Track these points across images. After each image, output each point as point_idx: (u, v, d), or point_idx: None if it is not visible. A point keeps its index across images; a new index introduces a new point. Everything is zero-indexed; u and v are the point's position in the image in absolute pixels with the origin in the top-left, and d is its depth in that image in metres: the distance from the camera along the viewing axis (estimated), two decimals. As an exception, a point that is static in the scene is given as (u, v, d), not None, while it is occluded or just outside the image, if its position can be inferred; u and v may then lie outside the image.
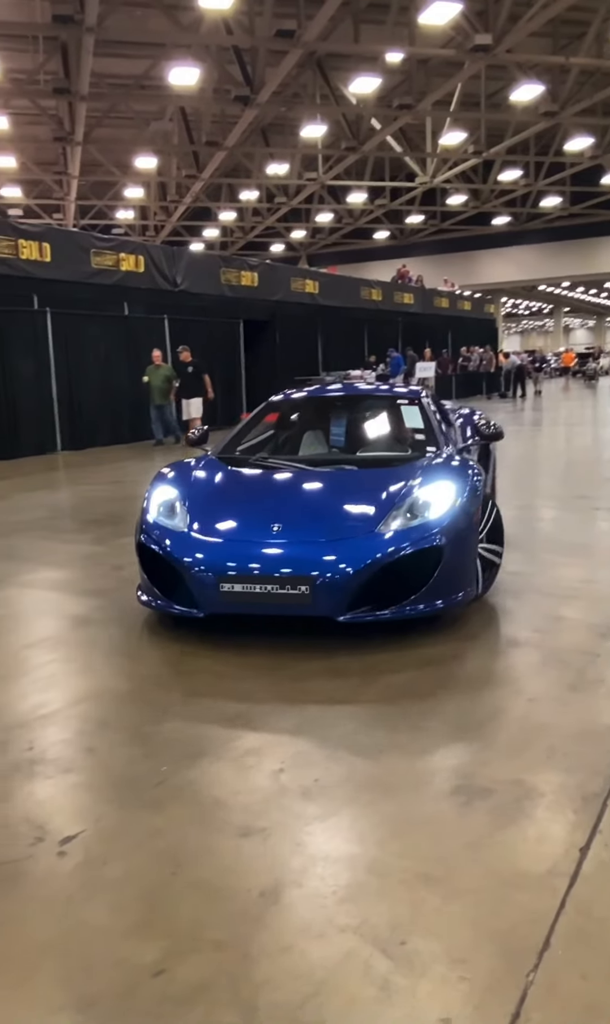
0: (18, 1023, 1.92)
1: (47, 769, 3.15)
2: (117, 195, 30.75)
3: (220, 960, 2.10)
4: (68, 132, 21.25)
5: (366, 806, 2.85)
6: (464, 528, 4.48)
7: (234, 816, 2.78)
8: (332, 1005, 1.93)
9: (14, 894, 2.41)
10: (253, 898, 2.34)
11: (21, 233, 14.35)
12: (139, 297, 16.77)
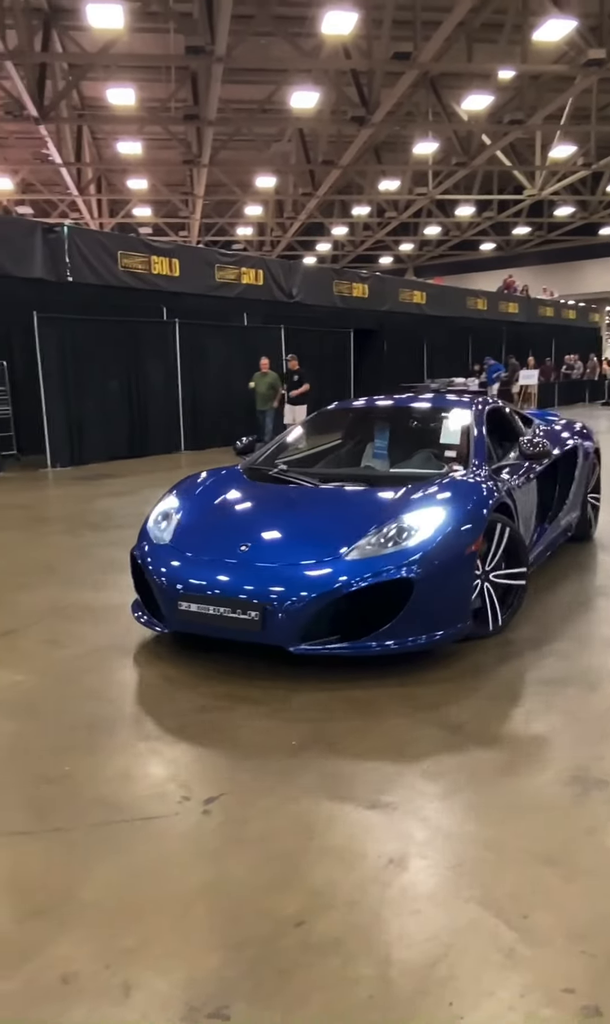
0: (179, 956, 2.06)
1: (189, 738, 3.30)
2: (237, 213, 31.37)
3: (354, 918, 2.19)
4: (196, 155, 21.81)
5: (483, 789, 2.88)
6: (450, 558, 3.88)
7: (361, 791, 2.86)
8: (462, 966, 1.98)
9: (167, 844, 2.57)
10: (382, 864, 2.42)
11: (153, 250, 14.87)
12: (257, 308, 17.10)
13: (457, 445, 5.01)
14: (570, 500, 5.90)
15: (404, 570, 3.70)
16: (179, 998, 1.91)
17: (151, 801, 2.80)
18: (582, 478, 6.16)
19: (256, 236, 35.53)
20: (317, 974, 1.98)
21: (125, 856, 2.50)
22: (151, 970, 2.01)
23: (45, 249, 12.79)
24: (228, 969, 2.00)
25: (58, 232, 13.11)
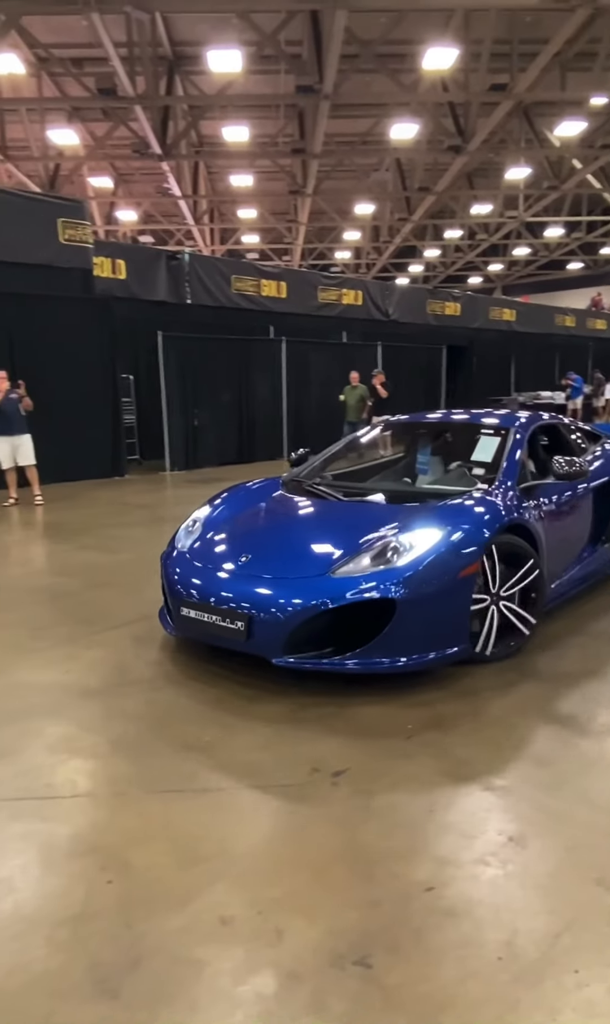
0: (322, 908, 2.15)
1: (314, 720, 3.38)
2: (336, 238, 31.56)
3: (479, 887, 2.23)
4: (301, 186, 22.11)
5: (593, 777, 2.86)
6: (440, 580, 3.56)
7: (475, 773, 2.89)
8: (585, 939, 2.00)
9: (303, 809, 2.67)
10: (502, 841, 2.45)
11: (263, 274, 15.22)
12: (356, 327, 17.22)
13: (488, 463, 4.58)
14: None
15: (390, 589, 3.44)
16: (326, 945, 2.00)
17: (284, 772, 2.91)
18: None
19: (353, 259, 35.63)
20: (448, 935, 2.04)
21: (265, 817, 2.61)
22: (299, 919, 2.10)
23: (168, 274, 13.28)
24: (367, 924, 2.08)
25: (180, 259, 13.59)
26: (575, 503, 4.80)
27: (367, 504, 4.49)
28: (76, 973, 1.93)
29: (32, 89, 16.63)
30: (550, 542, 4.30)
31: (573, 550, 4.84)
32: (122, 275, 12.68)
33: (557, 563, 4.53)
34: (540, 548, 4.13)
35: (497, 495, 4.15)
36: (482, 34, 14.26)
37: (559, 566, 4.59)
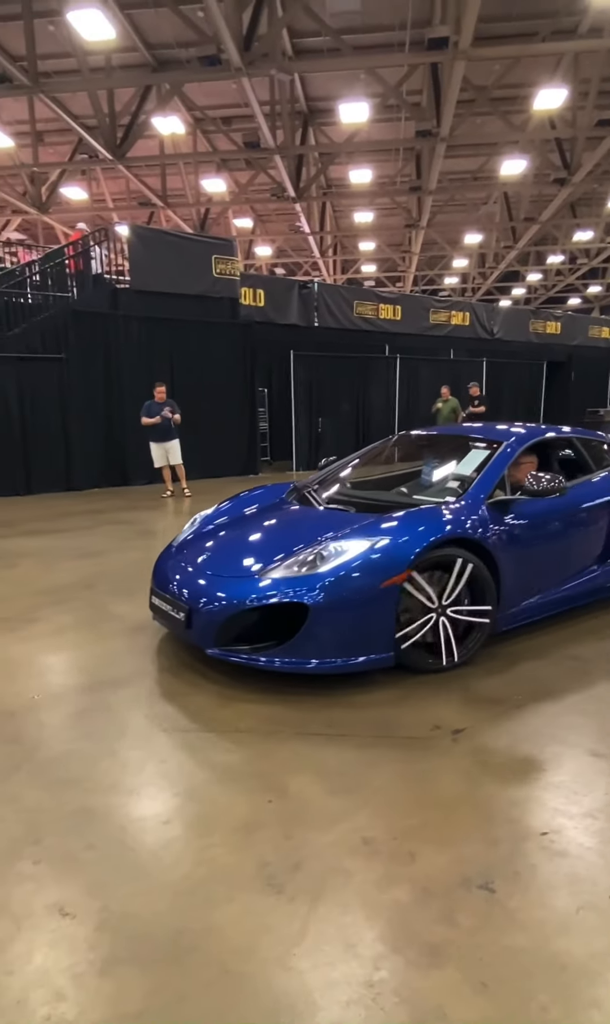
0: (450, 840, 2.24)
1: (434, 684, 3.45)
2: (446, 265, 31.05)
3: (590, 836, 2.25)
4: (416, 220, 21.90)
5: None
6: (358, 589, 3.24)
7: (579, 739, 2.87)
8: None
9: (428, 760, 2.74)
10: (608, 801, 2.44)
11: (381, 299, 15.26)
12: (463, 345, 16.92)
13: (467, 477, 4.08)
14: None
15: (304, 595, 3.20)
16: (453, 870, 2.09)
17: (409, 727, 2.99)
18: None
19: (460, 284, 34.94)
20: (562, 872, 2.07)
21: (398, 762, 2.71)
22: (429, 846, 2.20)
23: (299, 301, 13.57)
24: (489, 856, 2.15)
25: (310, 288, 13.86)
26: (574, 519, 4.15)
27: (337, 513, 4.08)
28: (249, 869, 2.11)
29: (189, 145, 17.35)
30: (531, 556, 3.86)
31: (570, 565, 4.19)
32: (261, 303, 13.07)
33: (543, 577, 4.00)
34: (498, 562, 3.57)
35: (455, 509, 3.66)
36: (590, 73, 13.69)
37: (548, 581, 4.03)
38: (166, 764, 2.71)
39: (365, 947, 1.80)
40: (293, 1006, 1.63)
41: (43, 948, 1.81)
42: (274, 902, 1.97)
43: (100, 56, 12.58)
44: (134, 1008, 1.64)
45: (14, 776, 2.62)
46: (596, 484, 4.42)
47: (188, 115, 16.05)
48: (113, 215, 21.29)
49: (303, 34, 12.84)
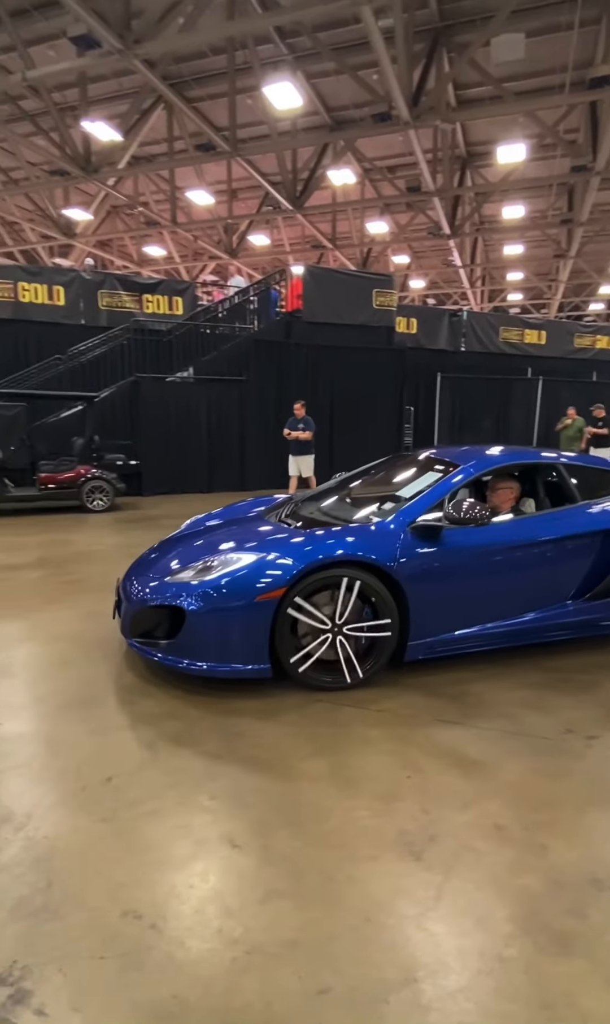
0: (579, 837, 2.09)
1: (567, 690, 3.23)
2: (592, 292, 28.89)
3: None
4: (565, 251, 20.60)
5: None
6: (232, 601, 2.96)
7: None
8: None
9: (560, 760, 2.57)
10: None
11: (527, 325, 14.53)
12: (605, 367, 15.67)
13: (403, 499, 3.54)
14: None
15: (182, 600, 3.03)
16: (585, 867, 1.95)
17: (543, 727, 2.83)
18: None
19: (605, 310, 32.34)
20: None
21: (530, 759, 2.57)
22: (560, 841, 2.07)
23: (448, 328, 13.30)
24: (621, 860, 1.98)
25: (460, 316, 13.54)
26: (529, 550, 3.42)
27: (280, 527, 3.63)
28: (389, 833, 2.10)
29: (357, 193, 17.57)
30: (461, 584, 3.29)
31: (526, 598, 3.46)
32: (414, 330, 12.98)
33: (483, 607, 3.36)
34: (402, 585, 3.09)
35: (369, 531, 3.26)
36: None
37: (491, 611, 3.38)
38: (319, 731, 2.77)
39: (496, 924, 1.74)
40: (428, 964, 1.61)
41: (217, 871, 1.93)
42: (412, 867, 1.95)
43: (287, 121, 13.09)
44: (289, 936, 1.69)
45: (198, 725, 2.80)
46: (568, 516, 3.55)
47: (358, 166, 16.25)
48: (289, 257, 22.07)
49: (466, 85, 12.55)
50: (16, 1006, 1.48)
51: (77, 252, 19.79)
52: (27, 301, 11.35)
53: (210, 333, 11.41)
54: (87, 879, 1.87)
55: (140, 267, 21.47)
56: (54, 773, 2.41)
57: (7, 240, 19.18)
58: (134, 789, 2.31)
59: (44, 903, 1.78)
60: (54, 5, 9.59)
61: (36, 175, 14.05)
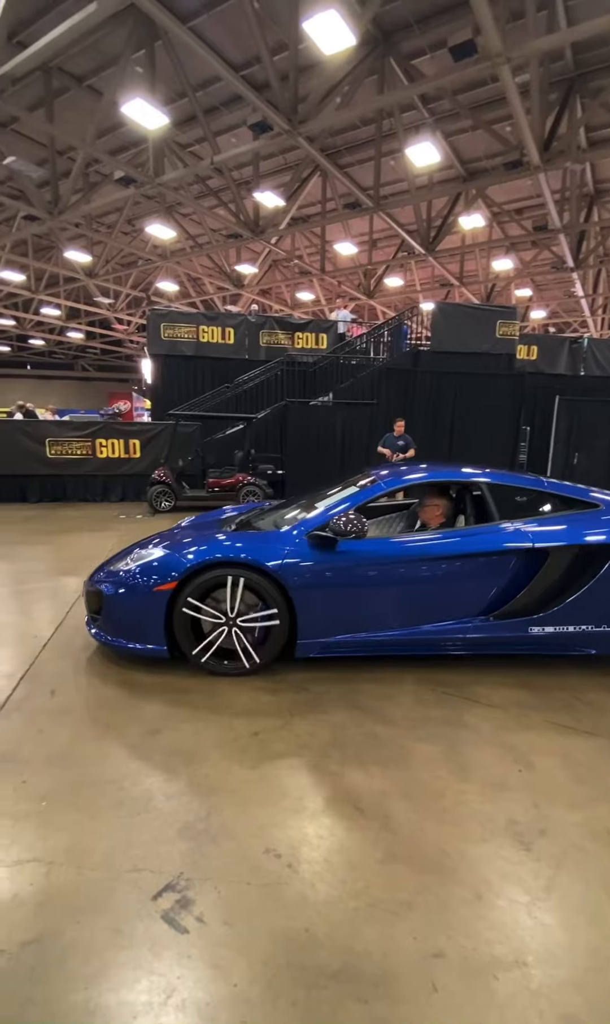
0: None
1: None
2: None
3: None
4: None
5: None
6: (133, 589, 2.95)
7: None
8: None
9: None
10: None
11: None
12: None
13: (312, 509, 3.35)
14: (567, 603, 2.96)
15: (102, 584, 3.09)
16: None
17: (658, 741, 2.50)
18: None
19: None
20: None
21: (643, 771, 2.29)
22: None
23: (568, 354, 12.29)
24: None
25: (580, 343, 12.43)
26: (425, 565, 3.02)
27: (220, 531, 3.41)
28: (500, 821, 1.97)
29: (485, 235, 16.81)
30: (349, 592, 2.98)
31: (421, 610, 3.05)
32: (534, 357, 12.14)
33: (376, 616, 3.02)
34: (287, 587, 2.89)
35: (269, 536, 3.10)
36: None
37: (385, 620, 3.03)
38: (432, 715, 2.67)
39: (608, 925, 1.56)
40: (537, 951, 1.49)
41: (343, 828, 1.92)
42: (522, 856, 1.81)
43: (424, 176, 12.85)
44: (405, 898, 1.65)
45: (326, 697, 2.82)
46: (475, 534, 3.10)
47: (487, 211, 15.54)
48: (419, 296, 21.67)
49: (597, 127, 11.50)
50: (182, 910, 1.58)
51: (244, 300, 20.95)
52: (205, 341, 12.21)
53: (348, 363, 11.52)
54: (237, 815, 1.96)
55: (292, 310, 22.22)
56: (213, 728, 2.55)
57: (191, 292, 20.76)
58: (275, 744, 2.38)
59: (204, 829, 1.89)
60: (237, 100, 10.22)
61: (216, 239, 15.06)
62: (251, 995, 1.37)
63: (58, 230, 14.14)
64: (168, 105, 9.72)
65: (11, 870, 1.68)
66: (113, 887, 1.64)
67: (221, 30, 8.39)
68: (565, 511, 3.16)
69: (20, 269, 17.68)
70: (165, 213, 14.67)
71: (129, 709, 2.62)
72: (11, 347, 28.71)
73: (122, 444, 9.73)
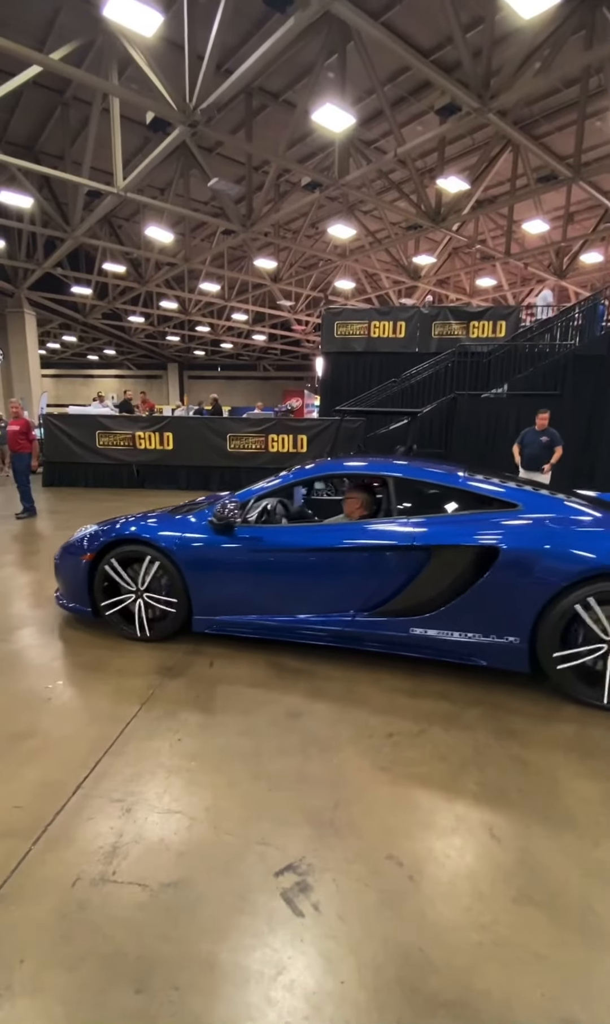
0: None
1: None
2: None
3: None
4: None
5: None
6: (69, 556, 3.40)
7: None
8: None
9: None
10: None
11: None
12: None
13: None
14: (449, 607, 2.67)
15: (57, 553, 3.56)
16: None
17: None
18: (495, 589, 2.59)
19: None
20: None
21: None
22: None
23: None
24: None
25: None
26: (299, 555, 2.97)
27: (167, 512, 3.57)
28: (670, 894, 1.65)
29: None
30: (236, 575, 3.07)
31: (298, 598, 3.00)
32: None
33: (262, 600, 3.06)
34: (180, 567, 3.11)
35: (180, 521, 3.28)
36: None
37: (271, 605, 3.05)
38: (596, 748, 2.33)
39: None
40: None
41: (473, 853, 1.79)
42: None
43: (639, 134, 11.07)
44: (538, 949, 1.47)
45: (470, 712, 2.65)
46: (361, 528, 2.97)
47: None
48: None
49: None
50: (300, 893, 1.62)
51: (420, 291, 20.43)
52: (376, 336, 12.20)
53: (529, 351, 10.53)
54: (363, 813, 1.94)
55: (471, 298, 21.05)
56: (350, 721, 2.55)
57: (368, 288, 20.89)
58: (410, 751, 2.30)
59: (330, 820, 1.91)
60: (424, 88, 9.89)
61: (395, 232, 14.89)
62: (358, 998, 1.35)
63: (250, 240, 15.30)
64: (355, 105, 9.81)
65: (161, 817, 1.90)
66: (242, 854, 1.74)
67: (412, 19, 8.19)
68: (480, 509, 2.88)
69: (216, 280, 19.58)
70: (347, 212, 14.92)
71: (275, 688, 2.76)
72: (205, 351, 32.05)
73: (291, 439, 10.25)
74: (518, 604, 2.55)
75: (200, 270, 18.01)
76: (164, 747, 2.27)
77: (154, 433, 10.42)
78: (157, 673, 2.89)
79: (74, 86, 10.31)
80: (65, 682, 2.81)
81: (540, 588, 2.50)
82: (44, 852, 1.74)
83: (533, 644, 2.60)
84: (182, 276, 19.25)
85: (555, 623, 2.51)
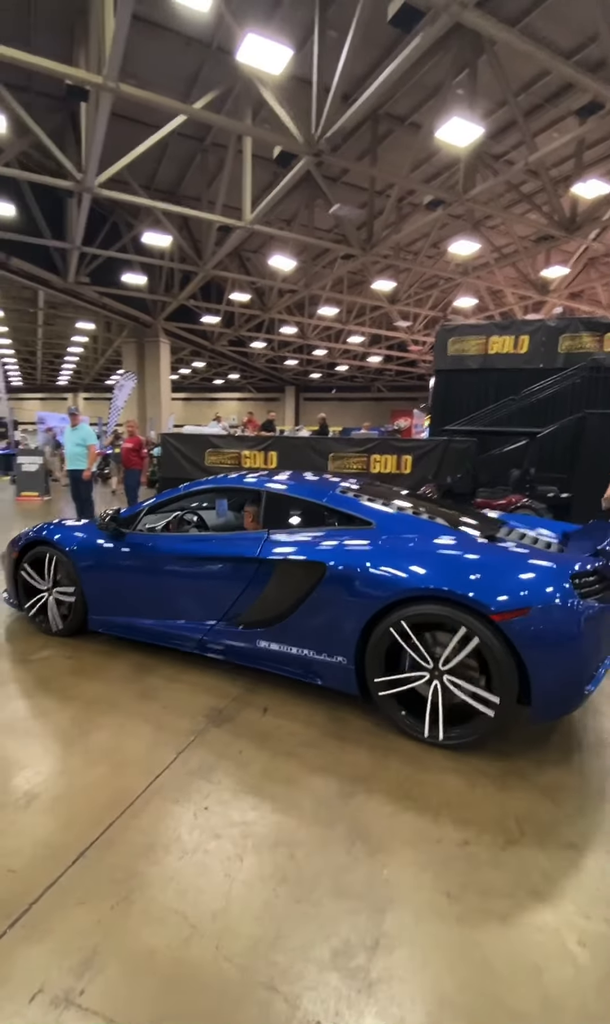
0: None
1: None
2: None
3: None
4: None
5: None
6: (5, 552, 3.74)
7: None
8: None
9: None
10: None
11: None
12: None
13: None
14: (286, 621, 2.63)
15: None
16: None
17: None
18: (324, 605, 2.50)
19: None
20: None
21: None
22: None
23: None
24: None
25: None
26: (167, 562, 3.02)
27: None
28: None
29: None
30: (116, 579, 3.20)
31: (171, 604, 3.04)
32: None
33: (144, 604, 3.14)
34: (77, 567, 3.28)
35: (84, 526, 3.54)
36: None
37: (151, 610, 3.12)
38: None
39: None
40: None
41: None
42: None
43: None
44: None
45: (581, 809, 2.02)
46: (223, 540, 2.93)
47: None
48: None
49: None
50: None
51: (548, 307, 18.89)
52: (494, 352, 11.31)
53: None
54: (411, 967, 1.45)
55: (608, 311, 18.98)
56: (415, 806, 2.06)
57: (490, 305, 19.75)
58: (490, 871, 1.74)
59: (362, 967, 1.44)
60: (560, 93, 9.06)
61: (524, 245, 13.86)
62: None
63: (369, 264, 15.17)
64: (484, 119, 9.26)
65: (159, 916, 1.57)
66: (239, 1001, 1.35)
67: (549, 22, 7.53)
68: (340, 526, 2.76)
69: (335, 304, 19.72)
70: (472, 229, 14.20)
71: (330, 751, 2.34)
72: (322, 374, 32.52)
73: (394, 460, 9.76)
74: (342, 623, 2.46)
75: (320, 295, 18.26)
76: (187, 815, 1.94)
77: (259, 452, 10.51)
78: (204, 715, 2.60)
79: (213, 132, 10.95)
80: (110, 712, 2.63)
81: (360, 608, 2.39)
82: (15, 944, 1.46)
83: (360, 666, 2.46)
84: (302, 302, 19.68)
85: (376, 645, 2.38)
